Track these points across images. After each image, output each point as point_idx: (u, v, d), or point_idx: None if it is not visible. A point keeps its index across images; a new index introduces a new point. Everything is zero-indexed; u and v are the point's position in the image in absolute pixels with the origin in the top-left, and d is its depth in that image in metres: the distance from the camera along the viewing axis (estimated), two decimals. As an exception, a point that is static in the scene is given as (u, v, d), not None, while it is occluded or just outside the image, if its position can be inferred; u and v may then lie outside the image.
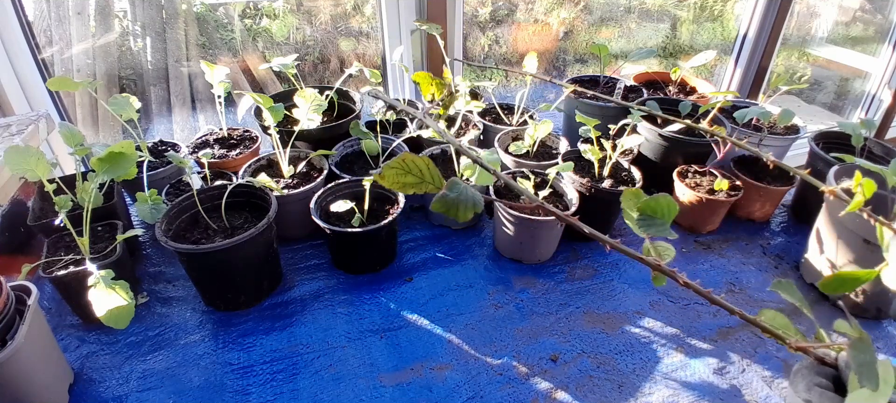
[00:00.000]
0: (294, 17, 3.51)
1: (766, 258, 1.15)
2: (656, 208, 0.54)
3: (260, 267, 0.96)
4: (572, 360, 0.88)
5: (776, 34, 2.06)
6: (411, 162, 0.48)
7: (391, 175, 0.47)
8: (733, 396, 0.83)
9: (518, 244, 1.08)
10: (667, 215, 0.54)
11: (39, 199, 1.03)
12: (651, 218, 0.55)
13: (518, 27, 3.98)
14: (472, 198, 0.48)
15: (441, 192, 0.48)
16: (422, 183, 0.48)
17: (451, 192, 0.48)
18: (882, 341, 0.94)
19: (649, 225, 0.54)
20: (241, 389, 0.82)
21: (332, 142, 1.24)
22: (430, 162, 0.48)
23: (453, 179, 0.49)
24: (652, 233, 0.54)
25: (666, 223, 0.54)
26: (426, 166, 0.48)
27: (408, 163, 0.48)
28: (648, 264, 0.52)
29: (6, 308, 0.69)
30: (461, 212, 0.48)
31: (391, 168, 0.47)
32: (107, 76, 2.86)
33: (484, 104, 1.45)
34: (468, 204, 0.48)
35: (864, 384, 0.44)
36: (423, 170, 0.48)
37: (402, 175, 0.48)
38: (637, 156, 1.32)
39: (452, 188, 0.48)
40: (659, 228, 0.54)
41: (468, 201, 0.48)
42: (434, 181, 0.49)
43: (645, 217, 0.55)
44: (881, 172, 0.88)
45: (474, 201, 0.48)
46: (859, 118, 1.82)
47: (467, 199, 0.48)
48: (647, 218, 0.55)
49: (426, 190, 0.48)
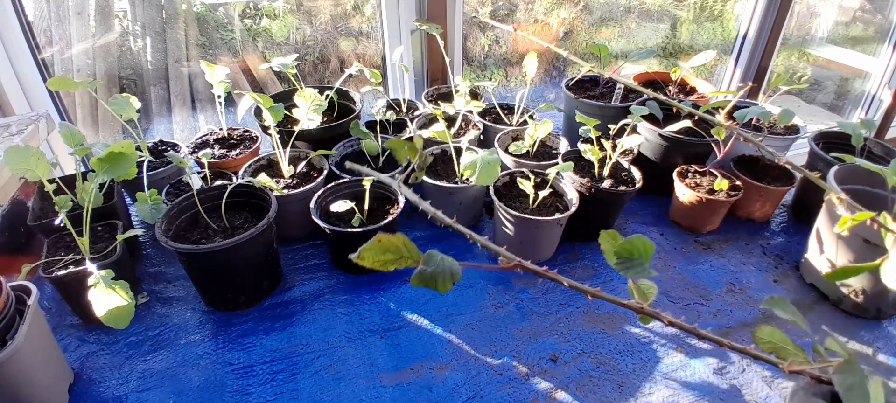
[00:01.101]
0: (294, 17, 3.51)
1: (766, 258, 1.15)
2: (632, 249, 0.55)
3: (260, 267, 0.96)
4: (572, 360, 0.88)
5: (776, 34, 2.05)
6: (387, 241, 0.50)
7: (370, 255, 0.49)
8: (733, 396, 0.83)
9: (518, 244, 1.07)
10: (644, 255, 0.55)
11: (39, 199, 1.03)
12: (629, 259, 0.55)
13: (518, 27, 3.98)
14: (449, 270, 0.49)
15: (418, 268, 0.49)
16: (400, 259, 0.50)
17: (428, 266, 0.49)
18: (882, 341, 0.94)
19: (628, 266, 0.55)
20: (241, 389, 0.82)
21: (332, 142, 1.24)
22: (405, 239, 0.50)
23: (430, 253, 0.50)
24: (632, 275, 0.54)
25: (645, 263, 0.55)
26: (403, 243, 0.50)
27: (384, 242, 0.50)
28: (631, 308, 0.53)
29: (6, 308, 0.69)
30: (440, 285, 0.49)
31: (369, 249, 0.49)
32: (107, 76, 2.86)
33: (484, 104, 1.45)
34: (446, 276, 0.49)
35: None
36: (400, 246, 0.50)
37: (381, 253, 0.50)
38: (637, 156, 1.32)
39: (429, 262, 0.49)
40: (638, 269, 0.54)
41: (445, 273, 0.49)
42: (411, 255, 0.50)
43: (623, 259, 0.55)
44: (881, 172, 0.88)
45: (452, 271, 0.49)
46: (859, 118, 1.82)
47: (444, 271, 0.49)
48: (626, 260, 0.55)
49: (405, 264, 0.50)
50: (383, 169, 1.22)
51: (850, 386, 0.46)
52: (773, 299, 0.56)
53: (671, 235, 1.21)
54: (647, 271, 0.54)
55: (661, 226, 1.24)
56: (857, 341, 0.94)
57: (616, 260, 0.56)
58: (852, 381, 0.46)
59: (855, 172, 1.04)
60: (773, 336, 0.54)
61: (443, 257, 0.50)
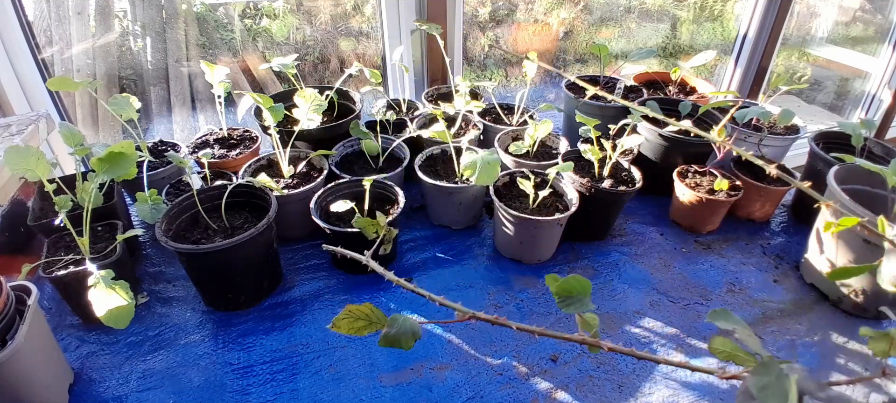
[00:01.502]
0: (294, 17, 3.51)
1: (766, 258, 1.15)
2: (570, 288, 0.62)
3: (260, 267, 0.96)
4: (572, 360, 0.88)
5: (776, 34, 2.06)
6: (357, 310, 0.59)
7: (345, 324, 0.59)
8: (733, 396, 0.83)
9: (518, 244, 1.07)
10: (582, 291, 0.61)
11: (39, 199, 1.03)
12: (569, 297, 0.62)
13: (518, 27, 3.97)
14: (410, 330, 0.57)
15: (383, 330, 0.57)
16: (371, 324, 0.59)
17: (392, 329, 0.57)
18: (882, 341, 0.94)
19: (569, 303, 0.61)
20: (241, 389, 0.82)
21: (332, 142, 1.24)
22: (372, 307, 0.59)
23: (393, 317, 0.58)
24: (574, 310, 0.60)
25: (584, 298, 0.61)
26: (370, 310, 0.59)
27: (354, 311, 0.59)
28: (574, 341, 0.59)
29: (6, 308, 0.69)
30: (403, 343, 0.57)
31: (343, 319, 0.58)
32: (107, 76, 2.86)
33: (484, 104, 1.45)
34: (408, 335, 0.57)
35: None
36: (369, 313, 0.59)
37: (354, 321, 0.59)
38: (637, 156, 1.32)
39: (392, 325, 0.58)
40: (578, 305, 0.61)
41: (408, 333, 0.57)
42: (379, 320, 0.59)
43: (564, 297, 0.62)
44: (881, 172, 0.88)
45: (413, 331, 0.58)
46: (859, 118, 1.82)
47: (407, 331, 0.57)
48: (566, 298, 0.62)
49: (376, 329, 0.59)
50: (383, 168, 1.22)
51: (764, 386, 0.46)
52: (715, 313, 0.58)
53: (671, 235, 1.21)
54: (587, 305, 0.60)
55: (661, 226, 1.24)
56: (856, 341, 0.94)
57: (557, 299, 0.61)
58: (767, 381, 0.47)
59: (855, 172, 1.04)
60: (725, 345, 0.57)
61: (404, 318, 0.58)
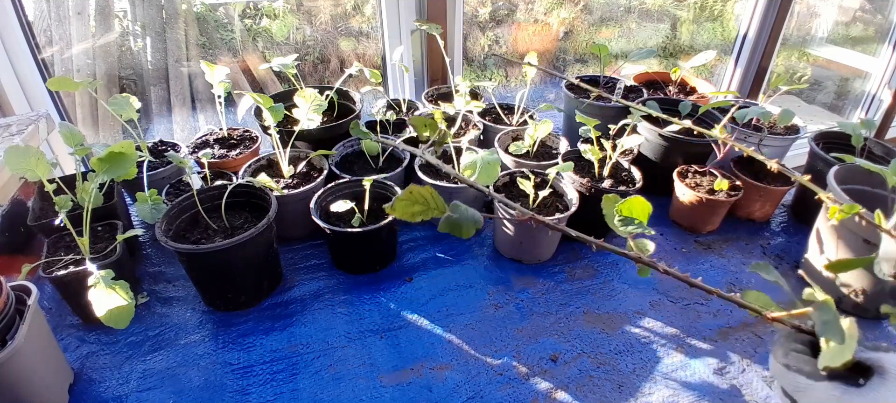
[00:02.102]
0: (294, 17, 3.51)
1: (766, 258, 1.15)
2: (631, 209, 0.63)
3: (260, 267, 0.96)
4: (572, 360, 0.88)
5: (776, 34, 2.06)
6: (418, 193, 0.56)
7: (401, 206, 0.56)
8: (733, 396, 0.83)
9: (518, 244, 1.07)
10: (641, 214, 0.62)
11: (39, 199, 1.03)
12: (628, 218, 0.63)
13: (518, 27, 3.97)
14: (472, 218, 0.56)
15: (446, 215, 0.56)
16: (428, 210, 0.57)
17: (455, 213, 0.56)
18: (882, 341, 0.94)
19: (628, 223, 0.63)
20: (241, 389, 0.82)
21: (332, 142, 1.24)
22: (433, 191, 0.56)
23: (455, 203, 0.57)
24: (631, 232, 0.62)
25: (642, 221, 0.62)
26: (430, 195, 0.56)
27: (415, 193, 0.56)
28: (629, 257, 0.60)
29: (6, 308, 0.69)
30: (464, 230, 0.56)
31: (401, 200, 0.55)
32: (107, 76, 2.86)
33: (484, 104, 1.45)
34: (469, 224, 0.56)
35: (830, 338, 0.50)
36: (428, 198, 0.56)
37: (411, 205, 0.56)
38: (637, 156, 1.32)
39: (455, 210, 0.57)
40: (636, 226, 0.62)
41: (469, 221, 0.56)
42: (438, 207, 0.57)
43: (623, 217, 0.63)
44: (881, 172, 0.88)
45: (475, 220, 0.57)
46: (859, 118, 1.82)
47: (468, 219, 0.56)
48: (625, 219, 0.63)
49: (432, 215, 0.57)
50: (383, 168, 1.22)
51: (826, 321, 0.51)
52: (757, 265, 0.62)
53: (671, 235, 1.21)
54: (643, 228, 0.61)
55: (661, 226, 1.24)
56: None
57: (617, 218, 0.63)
58: (828, 317, 0.52)
59: (855, 172, 1.04)
60: (759, 300, 0.61)
61: (466, 207, 0.57)
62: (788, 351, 0.56)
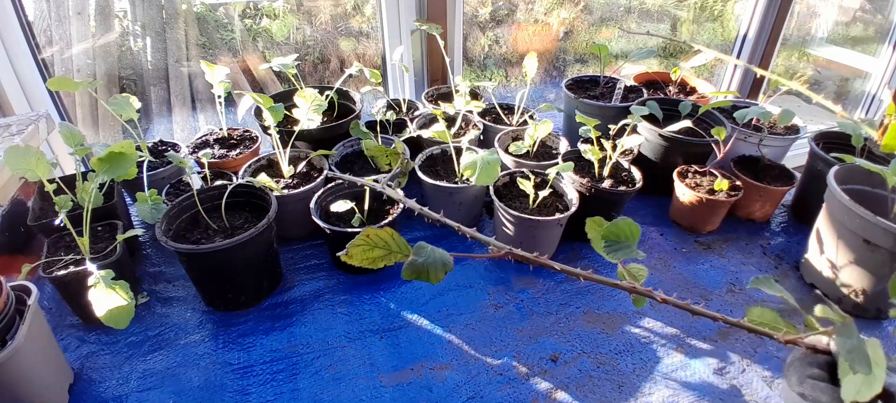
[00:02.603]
0: (294, 17, 3.51)
1: (766, 258, 1.15)
2: (619, 232, 0.55)
3: (260, 267, 0.96)
4: (572, 360, 0.88)
5: (776, 34, 2.05)
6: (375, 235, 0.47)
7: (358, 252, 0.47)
8: (733, 396, 0.83)
9: (518, 244, 1.07)
10: (631, 237, 0.54)
11: (39, 199, 1.03)
12: (616, 241, 0.55)
13: (518, 27, 3.97)
14: (440, 260, 0.48)
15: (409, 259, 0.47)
16: (390, 254, 0.48)
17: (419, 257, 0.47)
18: (882, 341, 0.93)
19: (616, 249, 0.55)
20: (241, 389, 0.82)
21: (332, 142, 1.24)
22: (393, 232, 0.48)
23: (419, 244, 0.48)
24: (621, 257, 0.54)
25: (632, 244, 0.54)
26: (390, 236, 0.47)
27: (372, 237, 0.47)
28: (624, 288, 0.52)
29: (6, 308, 0.69)
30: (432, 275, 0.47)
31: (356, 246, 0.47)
32: (107, 76, 2.86)
33: (484, 104, 1.45)
34: (437, 267, 0.47)
35: (856, 369, 0.43)
36: (389, 240, 0.48)
37: (369, 250, 0.48)
38: (637, 156, 1.32)
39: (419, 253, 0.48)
40: (626, 251, 0.54)
41: (437, 263, 0.47)
42: (401, 250, 0.48)
43: (610, 242, 0.55)
44: (881, 172, 0.88)
45: (444, 262, 0.48)
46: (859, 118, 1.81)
47: (436, 262, 0.47)
48: (613, 243, 0.55)
49: (395, 259, 0.48)
50: (383, 169, 1.21)
51: (851, 349, 0.45)
52: (758, 279, 0.56)
53: (671, 235, 1.21)
54: (634, 252, 0.54)
55: (661, 226, 1.24)
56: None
57: (603, 243, 0.55)
58: (852, 343, 0.45)
59: (855, 172, 1.04)
60: (764, 316, 0.55)
61: (433, 248, 0.49)
62: (804, 378, 0.50)
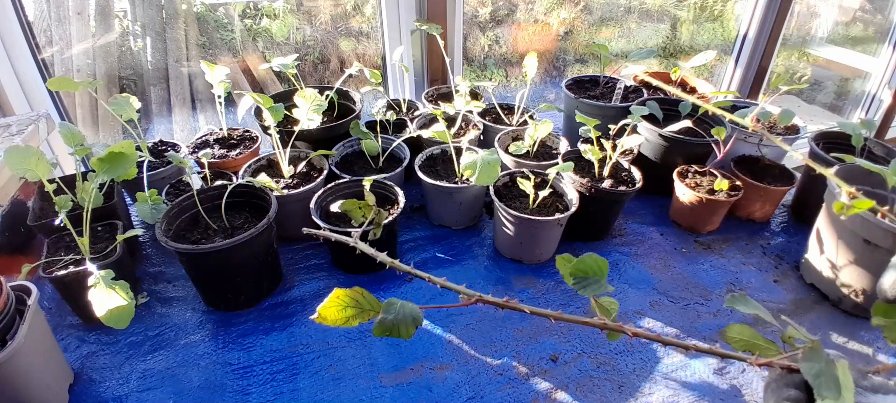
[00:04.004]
0: (294, 17, 3.51)
1: (766, 258, 1.15)
2: (586, 268, 0.56)
3: (260, 267, 0.96)
4: (572, 360, 0.88)
5: (776, 34, 2.06)
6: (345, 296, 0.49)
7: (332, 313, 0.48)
8: (733, 396, 0.83)
9: (518, 244, 1.07)
10: (599, 272, 0.56)
11: (39, 199, 1.03)
12: (584, 278, 0.56)
13: (518, 27, 3.98)
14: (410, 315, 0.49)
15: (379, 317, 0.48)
16: (362, 312, 0.49)
17: (389, 314, 0.48)
18: (882, 341, 0.94)
19: (585, 285, 0.56)
20: (241, 389, 0.82)
21: (332, 142, 1.24)
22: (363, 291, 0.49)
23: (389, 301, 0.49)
24: (590, 293, 0.55)
25: (601, 279, 0.55)
26: (361, 295, 0.49)
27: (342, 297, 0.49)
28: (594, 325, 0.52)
29: (6, 308, 0.69)
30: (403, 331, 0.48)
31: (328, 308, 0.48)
32: (107, 76, 2.86)
33: (484, 104, 1.45)
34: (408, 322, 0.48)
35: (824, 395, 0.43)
36: (360, 299, 0.49)
37: (341, 310, 0.49)
38: (637, 157, 1.32)
39: (389, 310, 0.49)
40: (595, 286, 0.55)
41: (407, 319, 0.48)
42: (372, 307, 0.49)
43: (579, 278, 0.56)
44: (881, 172, 0.88)
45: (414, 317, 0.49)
46: (859, 118, 1.82)
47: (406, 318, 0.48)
48: (582, 279, 0.56)
49: (368, 317, 0.49)
50: (383, 168, 1.22)
51: (817, 373, 0.45)
52: (733, 297, 0.56)
53: (671, 235, 1.21)
54: (603, 287, 0.54)
55: (661, 226, 1.24)
56: (856, 341, 0.94)
57: (573, 280, 0.56)
58: (819, 368, 0.45)
59: (855, 172, 1.04)
60: (743, 333, 0.55)
61: (402, 304, 0.50)
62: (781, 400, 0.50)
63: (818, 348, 0.47)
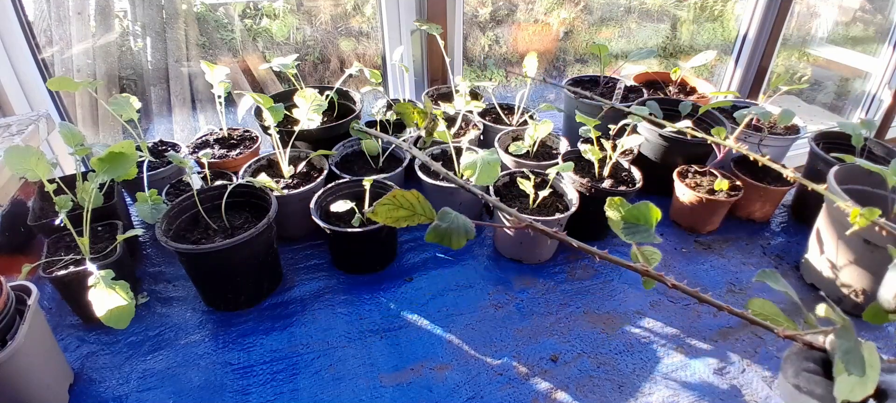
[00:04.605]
0: (294, 17, 3.51)
1: (767, 258, 1.15)
2: (639, 215, 0.56)
3: (260, 267, 0.96)
4: (572, 360, 0.88)
5: (776, 34, 2.06)
6: (401, 196, 0.48)
7: (383, 211, 0.48)
8: (733, 396, 0.83)
9: (518, 244, 1.07)
10: (649, 220, 0.56)
11: (39, 199, 1.03)
12: (635, 224, 0.57)
13: (518, 27, 3.98)
14: (463, 227, 0.49)
15: (434, 223, 0.49)
16: (414, 215, 0.49)
17: (443, 222, 0.49)
18: (882, 341, 0.94)
19: (634, 231, 0.56)
20: (241, 389, 0.82)
21: (332, 142, 1.24)
22: (419, 195, 0.49)
23: (444, 210, 0.49)
24: (638, 240, 0.55)
25: (650, 228, 0.56)
26: (416, 199, 0.49)
27: (398, 198, 0.48)
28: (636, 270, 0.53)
29: (6, 308, 0.69)
30: (454, 240, 0.49)
31: (383, 204, 0.48)
32: (107, 76, 2.86)
33: (484, 104, 1.45)
34: (460, 233, 0.49)
35: (851, 371, 0.45)
36: (414, 202, 0.49)
37: (394, 210, 0.49)
38: (637, 157, 1.32)
39: (444, 218, 0.49)
40: (643, 234, 0.55)
41: (460, 229, 0.49)
42: (426, 212, 0.49)
43: (629, 224, 0.57)
44: (881, 172, 0.88)
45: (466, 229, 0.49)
46: (859, 118, 1.82)
47: (459, 228, 0.49)
48: (632, 225, 0.57)
49: (419, 221, 0.49)
50: (383, 169, 1.22)
51: (847, 350, 0.47)
52: (764, 272, 0.57)
53: (671, 235, 1.21)
54: (651, 236, 0.54)
55: (660, 226, 1.24)
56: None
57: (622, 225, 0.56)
58: (849, 345, 0.47)
59: (855, 172, 1.04)
60: (765, 308, 0.56)
61: (457, 215, 0.50)
62: (799, 371, 0.51)
63: (849, 327, 0.49)
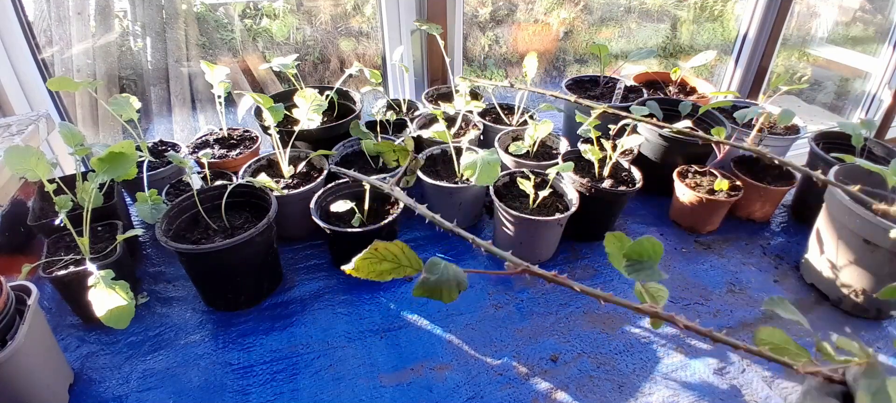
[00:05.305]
0: (294, 17, 3.51)
1: (766, 258, 1.15)
2: (642, 251, 0.52)
3: (260, 267, 0.96)
4: (572, 360, 0.88)
5: (776, 34, 2.05)
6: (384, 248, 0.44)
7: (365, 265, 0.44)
8: (733, 396, 0.83)
9: (518, 244, 1.07)
10: (653, 256, 0.52)
11: (39, 199, 1.03)
12: (638, 261, 0.53)
13: (518, 27, 3.97)
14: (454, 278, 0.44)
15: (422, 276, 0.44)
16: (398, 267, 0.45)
17: (432, 274, 0.44)
18: (882, 341, 0.94)
19: (638, 268, 0.52)
20: (241, 389, 0.82)
21: (332, 142, 1.24)
22: (403, 246, 0.44)
23: (433, 261, 0.44)
24: (642, 278, 0.51)
25: (654, 264, 0.52)
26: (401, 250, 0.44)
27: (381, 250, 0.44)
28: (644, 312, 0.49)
29: (6, 308, 0.69)
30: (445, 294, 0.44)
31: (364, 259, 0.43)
32: (107, 76, 2.86)
33: (484, 104, 1.45)
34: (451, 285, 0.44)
35: None
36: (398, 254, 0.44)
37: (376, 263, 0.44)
38: (637, 157, 1.32)
39: (432, 270, 0.44)
40: (648, 271, 0.51)
41: (451, 281, 0.44)
42: (411, 263, 0.45)
43: (632, 261, 0.53)
44: (881, 172, 0.88)
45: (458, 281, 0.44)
46: (859, 118, 1.81)
47: (450, 279, 0.44)
48: (635, 263, 0.53)
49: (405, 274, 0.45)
50: (383, 169, 1.22)
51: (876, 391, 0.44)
52: (773, 300, 0.55)
53: (671, 235, 1.21)
54: (657, 273, 0.51)
55: (661, 226, 1.24)
56: (857, 342, 0.93)
57: (625, 262, 0.53)
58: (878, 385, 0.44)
59: (855, 172, 1.04)
60: (774, 337, 0.53)
61: (446, 265, 0.45)
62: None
63: (876, 364, 0.46)
